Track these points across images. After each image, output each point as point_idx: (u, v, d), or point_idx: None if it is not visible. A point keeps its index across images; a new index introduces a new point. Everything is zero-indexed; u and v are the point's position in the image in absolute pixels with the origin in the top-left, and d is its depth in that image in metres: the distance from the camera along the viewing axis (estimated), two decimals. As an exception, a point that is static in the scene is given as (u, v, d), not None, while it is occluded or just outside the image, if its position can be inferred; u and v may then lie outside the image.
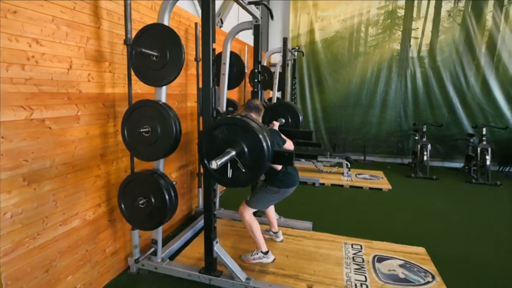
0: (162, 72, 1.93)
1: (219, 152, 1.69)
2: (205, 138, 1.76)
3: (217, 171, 1.74)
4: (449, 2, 5.43)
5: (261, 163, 1.66)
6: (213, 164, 1.52)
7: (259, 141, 1.63)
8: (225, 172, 1.71)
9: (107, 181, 2.15)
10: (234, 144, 1.68)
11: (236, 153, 1.66)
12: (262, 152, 1.64)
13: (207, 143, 1.75)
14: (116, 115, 2.20)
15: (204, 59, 1.88)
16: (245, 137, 1.65)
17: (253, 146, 1.65)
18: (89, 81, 1.94)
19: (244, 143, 1.66)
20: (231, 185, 1.76)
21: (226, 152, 1.65)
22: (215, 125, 1.73)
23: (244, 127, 1.66)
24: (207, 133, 1.75)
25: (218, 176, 1.76)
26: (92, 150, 2.00)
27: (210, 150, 1.76)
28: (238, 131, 1.67)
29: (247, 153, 1.67)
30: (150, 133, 1.93)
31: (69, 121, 1.82)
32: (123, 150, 2.29)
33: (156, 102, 1.94)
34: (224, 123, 1.70)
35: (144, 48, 1.83)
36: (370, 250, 2.65)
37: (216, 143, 1.73)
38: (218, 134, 1.70)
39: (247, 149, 1.67)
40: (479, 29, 5.35)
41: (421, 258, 2.54)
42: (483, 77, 5.44)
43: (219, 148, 1.71)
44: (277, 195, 2.39)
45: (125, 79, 2.25)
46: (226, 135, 1.69)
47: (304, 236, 2.89)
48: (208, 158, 1.77)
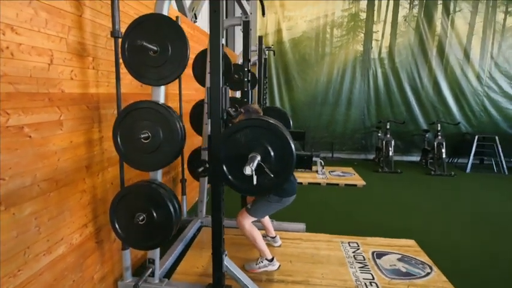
0: (162, 69, 1.70)
1: (240, 158, 1.54)
2: (225, 142, 1.58)
3: (238, 178, 1.58)
4: (405, 7, 5.86)
5: (289, 167, 1.54)
6: (248, 170, 1.36)
7: (288, 144, 1.51)
8: (248, 179, 1.56)
9: (92, 196, 1.84)
10: (258, 148, 1.53)
11: (261, 157, 1.52)
12: (291, 155, 1.52)
13: (226, 147, 1.58)
14: (101, 119, 1.89)
15: (212, 54, 1.70)
16: (272, 139, 1.52)
17: (280, 149, 1.53)
18: (72, 79, 1.62)
19: (271, 146, 1.53)
20: (253, 192, 1.62)
21: (252, 156, 1.50)
22: (237, 127, 1.56)
23: (272, 129, 1.53)
24: (227, 136, 1.57)
25: (239, 183, 1.60)
26: (76, 162, 1.68)
27: (229, 155, 1.58)
28: (264, 133, 1.53)
29: (273, 158, 1.54)
30: (150, 139, 1.68)
31: (52, 127, 1.50)
32: (109, 160, 1.98)
33: (157, 103, 1.70)
34: (248, 125, 1.55)
35: (139, 42, 1.58)
36: (367, 247, 2.69)
37: (236, 148, 1.57)
38: (240, 138, 1.54)
39: (273, 152, 1.53)
40: (430, 34, 5.86)
41: (414, 250, 2.66)
42: (434, 78, 5.99)
43: (241, 153, 1.55)
44: (279, 204, 2.28)
45: (109, 77, 1.94)
46: (250, 138, 1.54)
47: (301, 238, 2.83)
48: (227, 164, 1.59)
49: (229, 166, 1.60)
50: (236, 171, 1.59)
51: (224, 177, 1.62)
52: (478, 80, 5.89)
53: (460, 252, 2.72)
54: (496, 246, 2.85)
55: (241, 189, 1.64)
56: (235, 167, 1.59)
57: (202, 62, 2.91)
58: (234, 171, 1.60)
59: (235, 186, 1.62)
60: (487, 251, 2.75)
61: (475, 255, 2.69)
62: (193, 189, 3.72)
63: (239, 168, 1.54)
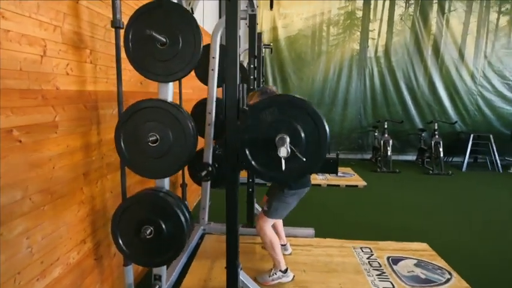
0: (171, 64, 1.50)
1: (265, 140, 1.35)
2: (249, 122, 1.39)
3: (264, 164, 1.40)
4: (401, 6, 5.84)
5: (323, 150, 1.37)
6: (283, 152, 1.20)
7: (321, 123, 1.34)
8: (275, 164, 1.38)
9: (91, 208, 1.62)
10: (287, 129, 1.36)
11: (290, 139, 1.36)
12: (324, 136, 1.36)
13: (250, 129, 1.39)
14: (99, 120, 1.68)
15: (229, 48, 1.52)
16: (303, 118, 1.34)
17: (312, 129, 1.35)
18: (68, 74, 1.41)
19: (301, 126, 1.36)
20: (281, 179, 1.44)
21: (281, 138, 1.32)
22: (263, 105, 1.38)
23: (303, 106, 1.35)
24: (253, 115, 1.38)
25: (264, 170, 1.41)
26: (73, 169, 1.47)
27: (253, 138, 1.39)
28: (294, 111, 1.35)
29: (303, 139, 1.36)
30: (159, 142, 1.48)
31: (45, 130, 1.28)
32: (109, 166, 1.77)
33: (166, 102, 1.51)
34: (275, 102, 1.37)
35: (148, 32, 1.38)
36: (380, 252, 2.58)
37: (261, 128, 1.38)
38: (266, 117, 1.36)
39: (304, 133, 1.36)
40: (426, 33, 5.86)
41: (429, 254, 2.56)
42: (430, 77, 5.99)
43: (266, 134, 1.36)
44: (295, 197, 2.12)
45: (108, 73, 1.73)
46: (277, 118, 1.36)
47: (311, 245, 2.69)
48: (251, 149, 1.40)
49: (253, 151, 1.41)
50: (261, 156, 1.40)
51: (247, 163, 1.42)
52: (472, 79, 5.93)
53: (474, 254, 2.65)
54: (506, 246, 2.79)
55: (268, 177, 1.45)
56: (260, 152, 1.40)
57: (205, 59, 2.72)
58: (258, 157, 1.41)
59: (260, 174, 1.43)
60: (498, 251, 2.69)
61: (488, 256, 2.62)
62: (192, 193, 3.52)
63: (264, 152, 1.37)
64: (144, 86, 2.23)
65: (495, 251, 2.72)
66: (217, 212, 3.10)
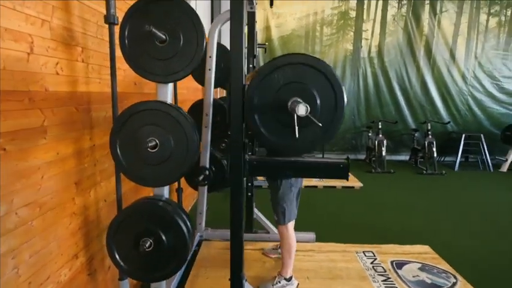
0: (171, 63, 1.39)
1: (276, 104, 1.23)
2: (258, 85, 1.26)
3: (274, 132, 1.28)
4: (394, 6, 5.85)
5: (339, 116, 1.27)
6: (301, 109, 1.09)
7: (339, 89, 1.24)
8: (286, 133, 1.27)
9: (84, 219, 1.49)
10: (300, 93, 1.24)
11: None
12: (342, 104, 1.26)
13: (260, 91, 1.27)
14: (92, 123, 1.55)
15: (233, 46, 1.42)
16: (319, 81, 1.24)
17: (329, 96, 1.24)
18: (58, 73, 1.28)
19: (317, 90, 1.25)
20: (294, 149, 1.34)
21: (295, 101, 1.21)
22: (276, 64, 1.25)
23: (320, 67, 1.23)
24: (263, 77, 1.26)
25: (275, 138, 1.29)
26: (64, 178, 1.33)
27: (262, 102, 1.27)
28: (309, 74, 1.24)
29: (319, 105, 1.25)
30: (159, 148, 1.37)
31: (33, 136, 1.15)
32: (102, 172, 1.64)
33: (166, 103, 1.40)
34: (290, 62, 1.25)
35: (148, 28, 1.26)
36: (383, 256, 2.52)
37: (272, 91, 1.26)
38: (278, 78, 1.25)
39: (319, 99, 1.25)
40: (418, 33, 5.89)
41: (432, 257, 2.52)
42: (422, 77, 6.03)
43: (278, 98, 1.23)
44: (294, 184, 2.01)
45: (101, 72, 1.61)
46: (290, 79, 1.25)
47: (313, 250, 2.61)
48: (260, 113, 1.28)
49: (262, 117, 1.27)
50: (271, 123, 1.28)
51: (256, 130, 1.30)
52: (463, 79, 6.00)
53: (475, 255, 2.63)
54: (507, 246, 2.79)
55: (279, 146, 1.32)
56: (271, 118, 1.27)
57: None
58: (268, 124, 1.28)
59: (270, 142, 1.31)
60: (498, 251, 2.68)
61: (489, 257, 2.60)
62: (186, 196, 3.39)
63: (275, 119, 1.25)
64: (138, 87, 2.10)
65: (496, 251, 2.71)
66: (214, 217, 3.01)
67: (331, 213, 3.64)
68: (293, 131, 1.22)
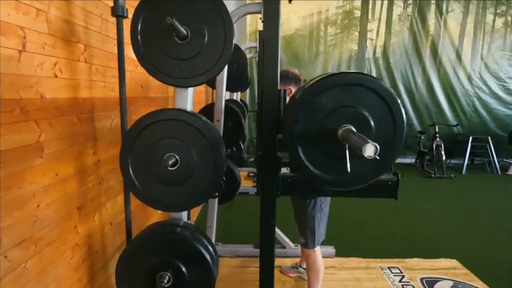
0: (193, 63, 1.16)
1: (323, 133, 1.02)
2: (302, 107, 1.04)
3: (321, 166, 1.06)
4: (399, 6, 5.70)
5: (397, 145, 1.06)
6: (369, 149, 0.86)
7: (398, 110, 1.02)
8: (333, 166, 1.05)
9: (88, 249, 1.25)
10: (351, 118, 1.02)
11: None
12: (401, 127, 1.04)
13: (304, 117, 1.05)
14: (96, 135, 1.31)
15: (268, 42, 1.20)
16: (373, 104, 1.02)
17: (385, 119, 1.03)
18: (56, 76, 1.04)
19: (371, 114, 1.03)
20: (346, 185, 1.12)
21: (346, 129, 0.99)
22: (323, 86, 1.03)
23: (375, 88, 1.02)
24: (307, 99, 1.04)
25: (324, 174, 1.07)
26: (64, 204, 1.10)
27: (307, 131, 1.04)
28: (361, 95, 1.02)
29: (374, 131, 1.04)
30: (179, 165, 1.14)
31: (26, 156, 0.91)
32: (107, 192, 1.41)
33: (187, 112, 1.17)
34: (340, 82, 1.03)
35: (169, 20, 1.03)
36: (411, 273, 2.33)
37: (318, 117, 1.04)
38: (325, 102, 1.02)
39: (374, 124, 1.03)
40: (424, 34, 5.76)
41: (464, 273, 2.34)
42: (428, 78, 5.89)
43: (325, 125, 1.02)
44: (324, 202, 1.81)
45: (105, 74, 1.37)
46: (339, 103, 1.03)
47: (334, 266, 2.41)
48: (304, 144, 1.06)
49: (307, 148, 1.06)
50: (316, 155, 1.06)
51: (300, 165, 1.08)
52: (469, 81, 5.89)
53: (504, 267, 2.45)
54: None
55: (329, 182, 1.11)
56: (315, 150, 1.06)
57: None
58: (313, 156, 1.07)
59: (317, 179, 1.08)
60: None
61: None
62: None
63: (321, 150, 1.05)
64: (144, 91, 1.87)
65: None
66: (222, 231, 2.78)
67: (340, 220, 3.44)
68: (342, 164, 1.00)
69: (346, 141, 0.97)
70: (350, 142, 0.94)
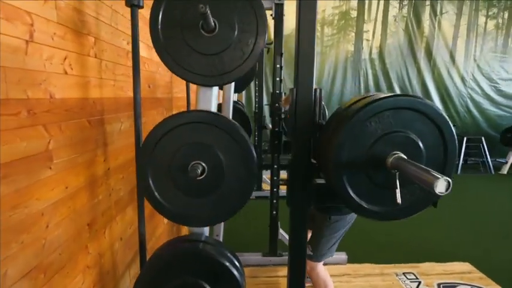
0: (220, 59, 1.04)
1: (370, 161, 0.92)
2: (347, 132, 0.93)
3: (367, 196, 0.96)
4: (395, 7, 5.71)
5: (449, 172, 0.96)
6: (441, 185, 0.75)
7: (451, 136, 0.93)
8: (380, 196, 0.95)
9: (99, 271, 1.10)
10: (400, 144, 0.93)
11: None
12: (453, 153, 0.95)
13: (351, 143, 0.94)
14: (106, 140, 1.16)
15: (301, 42, 1.09)
16: (424, 128, 0.92)
17: (436, 144, 0.94)
18: (66, 73, 0.89)
19: (421, 139, 0.93)
20: (394, 217, 1.02)
21: (397, 156, 0.89)
22: (372, 110, 0.92)
23: (430, 113, 0.92)
24: (354, 124, 0.93)
25: (370, 205, 0.97)
26: (74, 221, 0.94)
27: (353, 157, 0.94)
28: (410, 119, 0.92)
29: (424, 157, 0.94)
30: (207, 174, 1.01)
31: (34, 167, 0.76)
32: (117, 204, 1.25)
33: (214, 113, 1.04)
34: (394, 106, 0.92)
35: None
36: (427, 278, 2.26)
37: (363, 143, 0.93)
38: (374, 128, 0.92)
39: (424, 149, 0.94)
40: (419, 35, 5.79)
41: (479, 277, 2.29)
42: (423, 79, 5.93)
43: (373, 153, 0.92)
44: (345, 223, 1.71)
45: (115, 72, 1.22)
46: (390, 128, 0.92)
47: (348, 274, 2.31)
48: (350, 173, 0.95)
49: (352, 178, 0.97)
50: (363, 185, 0.97)
51: (345, 196, 0.97)
52: (462, 81, 5.95)
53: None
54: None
55: (375, 214, 1.01)
56: (362, 179, 0.96)
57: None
58: (359, 186, 0.97)
59: (364, 211, 0.98)
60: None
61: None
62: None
63: (369, 179, 0.95)
64: (152, 91, 1.72)
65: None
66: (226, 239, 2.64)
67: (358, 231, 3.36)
68: (389, 194, 0.90)
69: (399, 171, 0.87)
70: (408, 173, 0.84)
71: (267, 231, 2.49)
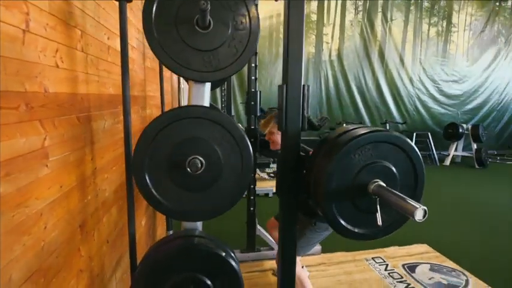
0: (215, 55, 1.06)
1: (354, 188, 1.03)
2: (336, 165, 1.03)
3: (350, 219, 1.07)
4: (351, 12, 6.09)
5: (418, 196, 1.11)
6: (419, 213, 0.86)
7: (419, 164, 1.07)
8: (362, 219, 1.07)
9: (90, 274, 1.05)
10: (379, 172, 1.05)
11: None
12: (422, 178, 1.09)
13: (337, 174, 1.04)
14: (93, 138, 1.11)
15: (290, 40, 1.15)
16: (397, 158, 1.05)
17: (407, 171, 1.07)
18: (58, 66, 0.85)
19: (396, 168, 1.07)
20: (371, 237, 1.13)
21: (378, 185, 1.02)
22: (358, 143, 1.04)
23: (399, 144, 1.06)
24: (341, 157, 1.03)
25: (353, 227, 1.08)
26: (69, 222, 0.90)
27: (340, 187, 1.05)
28: (387, 150, 1.05)
29: (398, 182, 1.08)
30: (204, 168, 1.02)
31: (32, 165, 0.72)
32: (104, 205, 1.20)
33: (210, 108, 1.06)
34: (375, 140, 1.04)
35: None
36: (393, 261, 2.47)
37: (347, 173, 1.05)
38: (357, 160, 1.03)
39: (399, 176, 1.07)
40: (373, 39, 6.24)
41: (435, 256, 2.56)
42: (377, 80, 6.40)
43: (356, 181, 1.04)
44: (327, 232, 1.83)
45: (98, 66, 1.17)
46: (371, 159, 1.04)
47: (323, 263, 2.44)
48: (338, 201, 1.06)
49: (339, 204, 1.07)
50: (347, 209, 1.08)
51: (333, 221, 1.07)
52: (410, 83, 6.55)
53: (472, 249, 2.75)
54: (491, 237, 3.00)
55: (357, 236, 1.12)
56: (346, 204, 1.07)
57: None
58: (344, 211, 1.08)
59: (349, 233, 1.09)
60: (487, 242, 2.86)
61: (484, 249, 2.75)
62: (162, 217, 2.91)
63: (351, 204, 1.05)
64: (142, 87, 1.66)
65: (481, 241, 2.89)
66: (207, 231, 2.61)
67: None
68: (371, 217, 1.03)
69: (380, 197, 0.99)
70: (389, 201, 0.95)
71: (244, 228, 2.53)
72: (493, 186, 4.71)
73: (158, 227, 2.52)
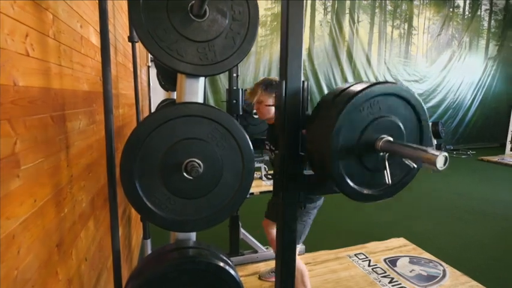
0: (213, 47, 0.96)
1: (362, 146, 0.97)
2: (344, 118, 0.95)
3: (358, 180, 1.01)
4: (320, 12, 6.20)
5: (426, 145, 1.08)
6: (440, 160, 0.80)
7: (424, 116, 1.04)
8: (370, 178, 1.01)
9: (69, 301, 0.90)
10: (386, 128, 1.00)
11: None
12: (427, 131, 1.06)
13: (345, 130, 0.96)
14: (68, 141, 0.95)
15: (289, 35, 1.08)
16: (403, 111, 1.01)
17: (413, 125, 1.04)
18: (28, 54, 0.70)
19: (402, 122, 1.02)
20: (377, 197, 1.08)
21: (386, 140, 0.96)
22: (364, 97, 0.95)
23: (405, 96, 1.01)
24: (350, 110, 0.95)
25: (362, 187, 1.01)
26: (44, 242, 0.75)
27: (347, 143, 0.97)
28: (393, 103, 1.00)
29: (405, 138, 1.04)
30: (204, 172, 0.91)
31: (2, 176, 0.57)
32: (81, 218, 1.05)
33: (209, 106, 0.96)
34: (380, 92, 0.97)
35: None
36: (374, 256, 2.52)
37: (354, 129, 0.98)
38: (364, 114, 0.96)
39: (405, 130, 1.03)
40: (341, 39, 6.40)
41: (413, 248, 2.66)
42: (346, 79, 6.59)
43: (364, 137, 0.97)
44: (315, 211, 1.82)
45: (72, 58, 1.01)
46: (379, 113, 0.98)
47: (309, 263, 2.41)
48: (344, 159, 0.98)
49: (347, 163, 1.00)
50: (354, 169, 1.01)
51: (341, 182, 0.99)
52: (376, 82, 6.83)
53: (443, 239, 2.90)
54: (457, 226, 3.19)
55: (365, 197, 1.05)
56: (353, 164, 1.01)
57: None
58: (351, 171, 1.02)
59: (357, 195, 1.02)
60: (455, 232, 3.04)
61: (453, 238, 2.91)
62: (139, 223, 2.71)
63: (360, 163, 1.00)
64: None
65: (447, 232, 3.06)
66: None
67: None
68: (378, 176, 0.98)
69: (390, 152, 0.94)
70: (403, 154, 0.91)
71: (227, 231, 2.43)
72: (453, 178, 5.05)
73: (133, 236, 2.33)
